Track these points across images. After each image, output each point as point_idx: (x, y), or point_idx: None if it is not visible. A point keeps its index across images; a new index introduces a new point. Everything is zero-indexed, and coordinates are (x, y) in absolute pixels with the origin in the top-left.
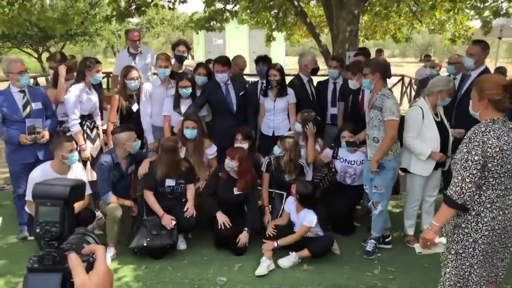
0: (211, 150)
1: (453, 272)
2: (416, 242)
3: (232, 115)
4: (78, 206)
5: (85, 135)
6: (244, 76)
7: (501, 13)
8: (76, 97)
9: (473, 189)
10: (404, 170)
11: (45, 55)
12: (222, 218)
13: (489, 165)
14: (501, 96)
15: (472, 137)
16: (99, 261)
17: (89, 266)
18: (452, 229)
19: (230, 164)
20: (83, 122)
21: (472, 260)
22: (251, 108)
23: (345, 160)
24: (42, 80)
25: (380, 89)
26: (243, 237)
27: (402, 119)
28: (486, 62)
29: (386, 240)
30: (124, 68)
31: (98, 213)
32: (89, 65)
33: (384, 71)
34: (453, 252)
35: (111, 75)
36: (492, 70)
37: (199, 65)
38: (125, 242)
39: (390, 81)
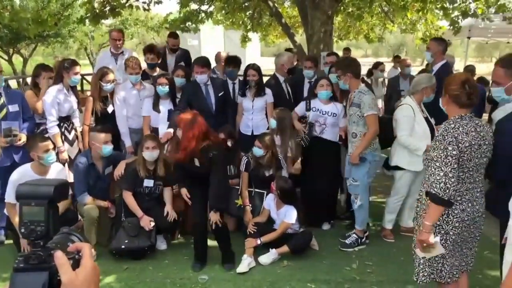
0: None
1: (427, 264)
2: (393, 237)
3: (212, 116)
4: (61, 207)
5: (63, 137)
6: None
7: (469, 13)
8: (54, 98)
9: (456, 184)
10: (395, 168)
11: (15, 57)
12: (214, 217)
13: (460, 160)
14: (459, 92)
15: (445, 134)
16: (85, 258)
17: (75, 263)
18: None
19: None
20: (61, 124)
21: (444, 251)
22: (231, 109)
23: (318, 109)
24: (13, 83)
25: (357, 87)
26: (213, 217)
27: (389, 120)
28: (456, 61)
29: (365, 234)
30: (99, 70)
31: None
32: (67, 66)
33: (354, 70)
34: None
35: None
36: (461, 69)
37: (177, 67)
38: (104, 243)
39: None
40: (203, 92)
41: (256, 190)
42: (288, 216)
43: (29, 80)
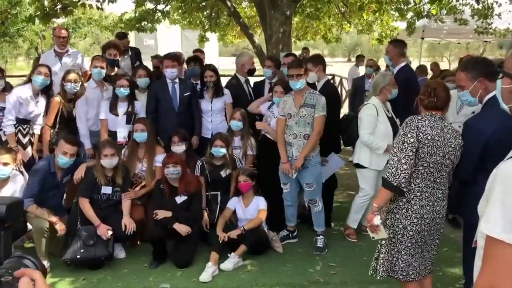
0: (161, 158)
1: (386, 257)
2: (356, 237)
3: (174, 114)
4: None
5: (16, 139)
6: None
7: (423, 14)
8: (17, 98)
9: (408, 172)
10: (356, 166)
11: None
12: (183, 230)
13: (420, 151)
14: (423, 97)
15: (409, 122)
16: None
17: None
18: (386, 215)
19: (170, 170)
20: (16, 125)
21: (400, 246)
22: (197, 110)
23: (273, 113)
24: None
25: (308, 88)
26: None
27: (354, 117)
28: (410, 60)
29: (294, 234)
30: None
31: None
32: (33, 66)
33: (324, 64)
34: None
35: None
36: (414, 68)
37: (138, 67)
38: (58, 253)
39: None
40: (169, 89)
41: (212, 193)
42: (261, 204)
43: None
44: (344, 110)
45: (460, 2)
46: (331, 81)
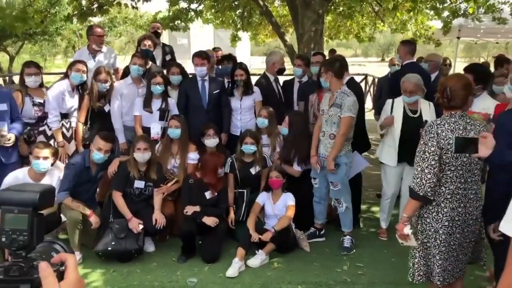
0: (194, 156)
1: (422, 263)
2: (386, 236)
3: (203, 111)
4: (45, 211)
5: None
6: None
7: (459, 13)
8: (58, 94)
9: (434, 180)
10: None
11: (1, 55)
12: (210, 221)
13: (444, 157)
14: (438, 96)
15: (428, 130)
16: (69, 271)
17: (59, 276)
18: (416, 219)
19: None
20: (60, 121)
21: (434, 250)
22: (227, 109)
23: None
24: None
25: (340, 87)
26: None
27: None
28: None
29: (321, 233)
30: (96, 69)
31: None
32: (70, 63)
33: (336, 70)
34: (419, 242)
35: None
36: (452, 69)
37: (171, 64)
38: (90, 245)
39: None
40: (198, 86)
41: (239, 190)
42: (290, 200)
43: (16, 78)
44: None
45: (499, 0)
46: (363, 81)
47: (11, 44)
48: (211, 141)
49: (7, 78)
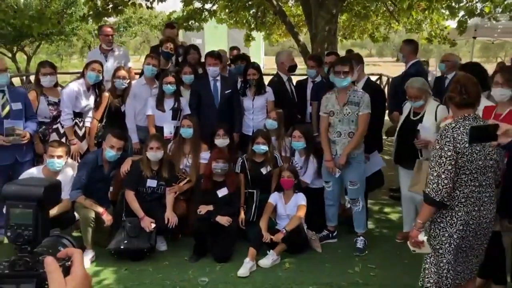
0: (206, 155)
1: (433, 270)
2: (401, 239)
3: (214, 110)
4: (59, 209)
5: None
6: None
7: (475, 13)
8: (73, 92)
9: (450, 185)
10: None
11: (19, 55)
12: (224, 220)
13: (459, 161)
14: (453, 94)
15: (443, 134)
16: (76, 266)
17: (66, 271)
18: (429, 224)
19: (219, 166)
20: (73, 119)
21: (449, 256)
22: (239, 109)
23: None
24: (16, 80)
25: (352, 86)
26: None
27: None
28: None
29: (333, 234)
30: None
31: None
32: (87, 63)
33: (363, 63)
34: (431, 248)
35: None
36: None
37: (184, 64)
38: (104, 243)
39: None
40: (210, 85)
41: (249, 190)
42: (301, 200)
43: (32, 78)
44: None
45: None
46: (378, 81)
47: (28, 44)
48: (220, 141)
49: (24, 77)
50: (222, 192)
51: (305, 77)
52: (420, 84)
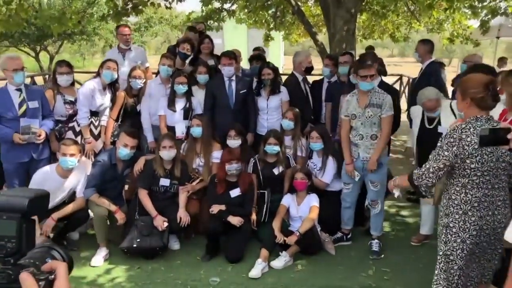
0: (218, 155)
1: (442, 276)
2: (417, 243)
3: (229, 110)
4: (73, 207)
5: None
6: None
7: (499, 12)
8: (89, 91)
9: (433, 181)
10: None
11: (42, 54)
12: (236, 221)
13: (468, 161)
14: (483, 94)
15: (451, 133)
16: (59, 280)
17: (49, 285)
18: (441, 229)
19: (233, 167)
20: (89, 118)
21: (461, 262)
22: (253, 109)
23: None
24: (39, 79)
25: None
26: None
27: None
28: (485, 61)
29: (348, 237)
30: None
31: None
32: (102, 61)
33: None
34: (441, 253)
35: None
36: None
37: (198, 64)
38: (117, 241)
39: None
40: (225, 85)
41: (260, 191)
42: (313, 201)
43: None
44: None
45: None
46: (398, 81)
47: (51, 43)
48: (231, 142)
49: (47, 76)
50: (234, 192)
51: (321, 77)
52: (435, 95)
